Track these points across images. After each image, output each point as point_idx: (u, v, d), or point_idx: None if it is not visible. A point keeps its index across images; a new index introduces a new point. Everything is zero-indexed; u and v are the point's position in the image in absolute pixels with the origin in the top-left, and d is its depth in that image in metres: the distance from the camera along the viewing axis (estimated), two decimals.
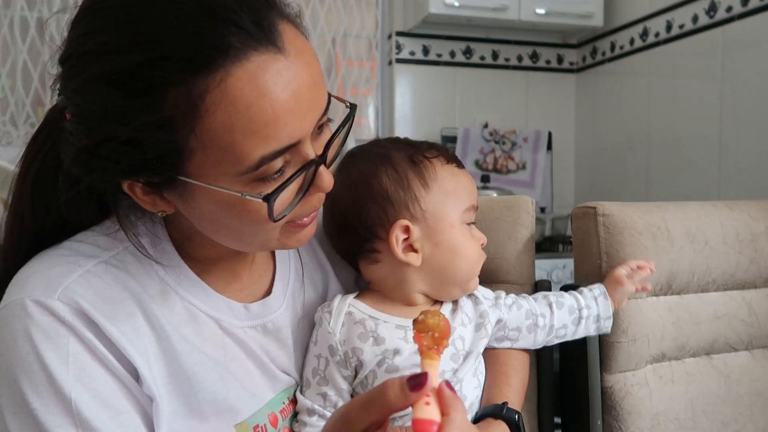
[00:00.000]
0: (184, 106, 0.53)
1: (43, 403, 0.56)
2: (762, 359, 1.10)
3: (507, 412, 0.75)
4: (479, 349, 0.78)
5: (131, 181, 0.59)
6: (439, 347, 0.52)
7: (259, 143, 0.55)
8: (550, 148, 2.56)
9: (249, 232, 0.62)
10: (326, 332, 0.75)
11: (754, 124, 1.81)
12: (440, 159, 0.78)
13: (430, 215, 0.76)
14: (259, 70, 0.54)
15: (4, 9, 2.18)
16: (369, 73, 2.57)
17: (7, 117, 2.21)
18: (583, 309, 0.86)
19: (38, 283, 0.59)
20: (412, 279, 0.77)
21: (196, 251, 0.69)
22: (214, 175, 0.56)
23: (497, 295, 0.84)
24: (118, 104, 0.53)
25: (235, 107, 0.53)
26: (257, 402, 0.71)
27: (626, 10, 2.35)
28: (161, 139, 0.54)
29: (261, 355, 0.72)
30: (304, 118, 0.57)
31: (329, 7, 2.47)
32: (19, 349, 0.57)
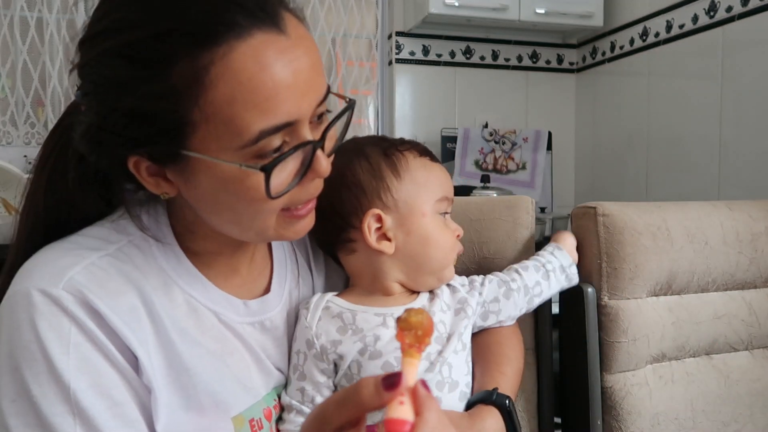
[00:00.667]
0: (188, 78, 0.55)
1: (42, 391, 0.57)
2: (762, 359, 1.10)
3: (497, 397, 0.75)
4: (461, 330, 0.79)
5: (137, 158, 0.61)
6: (420, 345, 0.52)
7: (259, 116, 0.57)
8: (550, 148, 2.56)
9: (247, 213, 0.63)
10: (303, 327, 0.76)
11: (754, 124, 1.81)
12: (413, 152, 0.80)
13: (402, 204, 0.78)
14: (261, 46, 0.57)
15: (4, 9, 2.17)
16: (369, 73, 2.57)
17: (7, 117, 2.21)
18: (546, 264, 0.90)
19: (44, 273, 0.61)
20: (387, 268, 0.79)
21: (198, 244, 0.70)
22: (215, 150, 0.58)
23: (471, 280, 0.86)
24: (128, 75, 0.56)
25: (237, 79, 0.56)
26: (253, 396, 0.72)
27: (626, 10, 2.34)
28: (165, 110, 0.56)
29: (258, 351, 0.73)
30: (302, 97, 0.59)
31: (329, 7, 2.47)
32: (23, 337, 0.58)
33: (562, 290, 0.93)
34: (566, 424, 1.04)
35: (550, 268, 0.90)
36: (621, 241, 0.98)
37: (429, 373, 0.74)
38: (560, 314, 1.04)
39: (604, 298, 0.98)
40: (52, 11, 2.18)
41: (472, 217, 1.02)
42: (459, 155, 2.47)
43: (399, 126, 2.52)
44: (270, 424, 0.74)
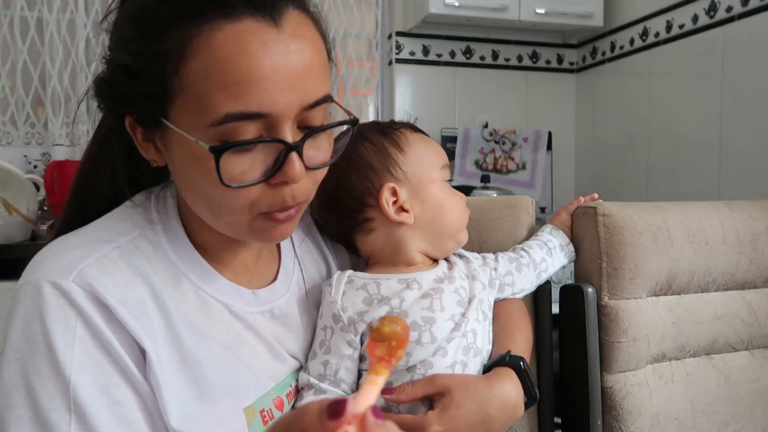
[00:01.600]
0: (175, 46, 0.58)
1: (42, 384, 0.58)
2: (762, 359, 1.10)
3: (510, 359, 0.78)
4: (480, 296, 0.82)
5: (131, 119, 0.65)
6: (391, 359, 0.49)
7: (227, 98, 0.57)
8: (550, 148, 2.56)
9: (214, 196, 0.62)
10: (329, 302, 0.78)
11: (754, 124, 1.81)
12: (408, 129, 0.84)
13: (411, 176, 0.81)
14: (246, 32, 0.58)
15: (4, 9, 2.18)
16: (369, 73, 2.57)
17: (7, 117, 2.21)
18: (548, 242, 0.96)
19: (54, 265, 0.61)
20: (408, 239, 0.81)
21: (203, 237, 0.71)
22: (186, 123, 0.60)
23: (483, 256, 0.90)
24: (129, 35, 0.61)
25: (213, 57, 0.57)
26: (263, 386, 0.72)
27: (626, 10, 2.34)
28: (151, 72, 0.59)
29: (271, 340, 0.74)
30: (281, 93, 0.58)
31: (329, 7, 2.47)
32: (30, 328, 0.59)
33: (563, 266, 0.98)
34: (566, 424, 1.04)
35: (552, 246, 0.96)
36: (621, 241, 0.98)
37: (456, 332, 0.76)
38: (560, 314, 1.04)
39: (604, 298, 0.98)
40: (52, 11, 2.18)
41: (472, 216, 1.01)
42: (459, 155, 2.47)
43: None
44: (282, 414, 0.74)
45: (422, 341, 0.75)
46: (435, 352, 0.75)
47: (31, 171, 2.18)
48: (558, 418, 1.04)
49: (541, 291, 1.03)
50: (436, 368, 0.75)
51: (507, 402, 0.74)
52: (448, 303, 0.78)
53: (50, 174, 1.90)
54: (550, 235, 0.98)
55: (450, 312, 0.77)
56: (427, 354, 0.75)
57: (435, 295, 0.78)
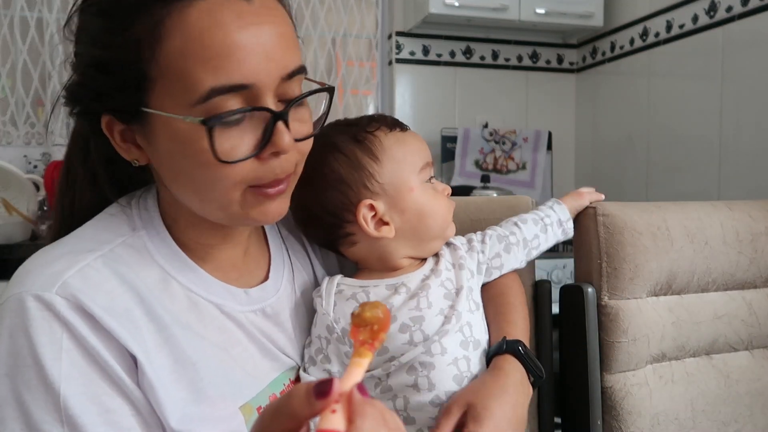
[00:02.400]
0: (147, 30, 0.58)
1: (33, 397, 0.57)
2: (762, 359, 1.10)
3: (507, 345, 0.77)
4: (468, 285, 0.81)
5: (108, 117, 0.63)
6: (374, 342, 0.49)
7: (209, 73, 0.57)
8: (550, 148, 2.56)
9: (204, 180, 0.62)
10: (321, 314, 0.78)
11: (754, 124, 1.81)
12: (382, 130, 0.79)
13: (388, 186, 0.78)
14: (218, 5, 0.58)
15: (4, 9, 2.18)
16: (369, 73, 2.57)
17: (7, 117, 2.21)
18: (545, 218, 0.92)
19: (37, 278, 0.61)
20: (392, 249, 0.80)
21: (188, 236, 0.70)
22: (170, 106, 0.59)
23: (468, 239, 0.87)
24: (97, 27, 0.61)
25: (189, 33, 0.57)
26: (259, 384, 0.72)
27: (626, 10, 2.34)
28: (126, 61, 0.59)
29: (261, 338, 0.74)
30: (260, 62, 0.59)
31: (329, 7, 2.47)
32: (16, 342, 0.58)
33: (557, 242, 0.95)
34: (566, 424, 1.04)
35: (548, 222, 0.92)
36: (621, 241, 0.98)
37: (446, 325, 0.76)
38: (560, 314, 1.04)
39: (604, 298, 0.98)
40: (52, 11, 2.18)
41: (472, 217, 1.02)
42: (459, 155, 2.47)
43: None
44: None
45: (414, 341, 0.75)
46: (433, 350, 0.75)
47: (31, 171, 2.18)
48: (558, 418, 1.04)
49: (541, 291, 1.03)
50: (439, 368, 0.74)
51: (517, 385, 0.75)
52: (435, 298, 0.77)
53: (50, 174, 1.91)
54: (551, 209, 0.94)
55: (438, 307, 0.77)
56: (420, 352, 0.75)
57: (422, 293, 0.77)
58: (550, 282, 1.03)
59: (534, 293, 1.03)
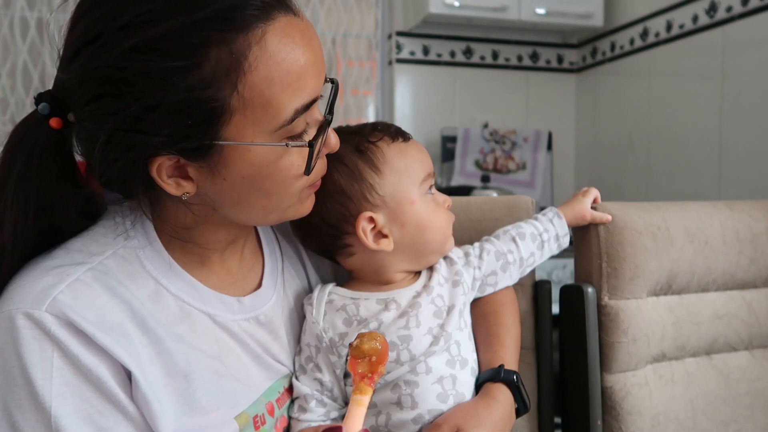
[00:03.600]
0: (226, 64, 0.56)
1: (24, 417, 0.56)
2: (762, 359, 1.10)
3: (505, 374, 0.77)
4: (460, 304, 0.80)
5: (162, 158, 0.59)
6: (373, 375, 0.51)
7: (293, 95, 0.60)
8: (550, 148, 2.56)
9: (277, 193, 0.65)
10: (310, 323, 0.78)
11: (754, 124, 1.81)
12: (385, 140, 0.79)
13: (389, 199, 0.77)
14: (287, 28, 0.59)
15: (4, 9, 2.18)
16: (369, 73, 2.57)
17: (7, 117, 2.21)
18: (543, 233, 0.91)
19: (26, 295, 0.59)
20: (389, 262, 0.80)
21: (195, 243, 0.69)
22: (251, 135, 0.60)
23: (465, 252, 0.87)
24: (162, 69, 0.55)
25: (274, 60, 0.58)
26: (254, 392, 0.72)
27: (626, 10, 2.34)
28: (205, 99, 0.56)
29: (255, 347, 0.73)
30: (320, 74, 0.63)
31: (329, 7, 2.47)
32: (6, 361, 0.57)
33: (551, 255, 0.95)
34: (566, 424, 1.04)
35: (546, 238, 0.91)
36: (621, 241, 0.98)
37: (434, 346, 0.75)
38: (560, 314, 1.04)
39: (604, 298, 0.98)
40: (52, 11, 2.18)
41: (472, 217, 1.02)
42: (459, 155, 2.47)
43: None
44: (273, 419, 0.74)
45: (401, 360, 0.75)
46: (418, 370, 0.74)
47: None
48: (558, 418, 1.04)
49: (541, 291, 1.03)
50: (423, 386, 0.74)
51: (506, 416, 0.75)
52: (424, 317, 0.77)
53: None
54: (550, 224, 0.92)
55: (427, 326, 0.76)
56: (405, 371, 0.74)
57: (411, 312, 0.77)
58: (550, 282, 1.03)
59: (534, 293, 1.03)
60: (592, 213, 0.98)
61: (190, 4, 0.55)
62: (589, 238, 1.00)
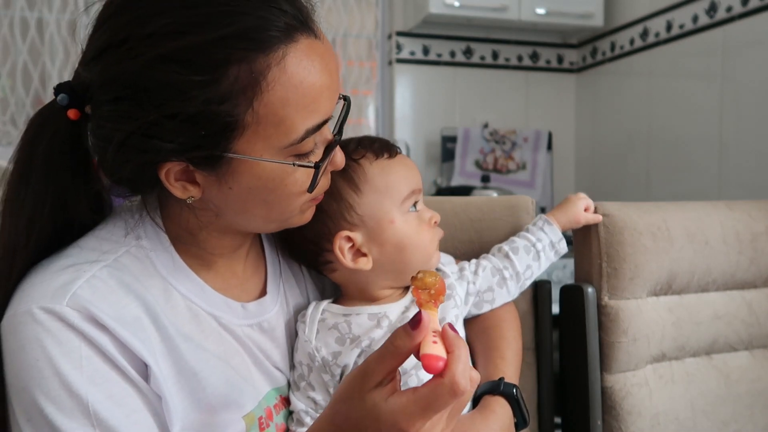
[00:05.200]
0: (245, 81, 0.57)
1: (57, 408, 0.57)
2: (762, 359, 1.10)
3: (504, 387, 0.77)
4: (451, 317, 0.79)
5: (172, 164, 0.61)
6: (436, 301, 0.56)
7: (306, 116, 0.61)
8: (550, 148, 2.56)
9: (280, 206, 0.66)
10: (303, 341, 0.77)
11: (754, 124, 1.81)
12: (368, 157, 0.77)
13: (368, 218, 0.76)
14: (307, 50, 0.60)
15: (4, 9, 2.18)
16: (369, 73, 2.57)
17: (7, 117, 2.21)
18: (537, 243, 0.90)
19: (45, 291, 0.60)
20: (371, 280, 0.79)
21: (199, 248, 0.70)
22: (260, 150, 0.61)
23: (461, 267, 0.86)
24: (184, 81, 0.56)
25: (291, 82, 0.59)
26: (258, 394, 0.73)
27: (626, 10, 2.34)
28: (221, 113, 0.57)
29: (257, 352, 0.74)
30: (334, 96, 0.64)
31: (329, 7, 2.47)
32: (28, 356, 0.58)
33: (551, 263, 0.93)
34: (566, 424, 1.04)
35: (540, 248, 0.90)
36: (621, 241, 0.98)
37: None
38: (560, 314, 1.04)
39: (604, 298, 0.98)
40: (52, 11, 2.18)
41: (472, 217, 1.02)
42: (459, 155, 2.47)
43: (399, 126, 2.52)
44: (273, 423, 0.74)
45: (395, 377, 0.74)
46: (409, 383, 0.73)
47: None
48: (558, 418, 1.04)
49: (541, 291, 1.03)
50: None
51: (504, 429, 0.75)
52: None
53: None
54: (542, 232, 0.91)
55: None
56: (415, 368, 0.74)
57: None
58: (550, 282, 1.03)
59: (534, 293, 1.03)
60: (585, 215, 0.97)
61: (217, 20, 0.56)
62: (589, 238, 1.00)
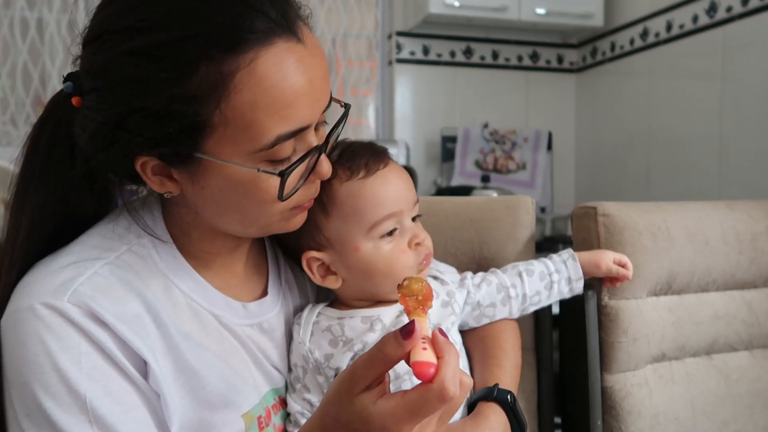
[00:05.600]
0: (213, 82, 0.56)
1: (56, 403, 0.58)
2: (762, 359, 1.10)
3: (498, 393, 0.75)
4: (447, 323, 0.78)
5: (146, 158, 0.61)
6: (424, 307, 0.56)
7: (278, 122, 0.59)
8: (550, 148, 2.56)
9: (254, 211, 0.65)
10: (297, 342, 0.77)
11: (754, 124, 1.81)
12: (341, 177, 0.74)
13: (335, 241, 0.75)
14: (282, 54, 0.58)
15: (4, 9, 2.18)
16: (369, 73, 2.57)
17: (7, 117, 2.21)
18: (554, 273, 0.87)
19: (46, 288, 0.60)
20: (345, 294, 0.79)
21: (195, 246, 0.70)
22: (230, 153, 0.59)
23: (463, 277, 0.85)
24: (152, 77, 0.56)
25: (261, 86, 0.57)
26: (257, 394, 0.73)
27: (626, 10, 2.34)
28: (187, 112, 0.57)
29: (257, 352, 0.74)
30: (315, 104, 0.62)
31: (329, 7, 2.47)
32: (29, 352, 0.58)
33: (562, 298, 0.90)
34: (566, 424, 1.04)
35: (556, 279, 0.87)
36: (621, 241, 0.98)
37: None
38: (560, 314, 1.04)
39: (604, 298, 0.98)
40: (52, 11, 2.18)
41: (472, 217, 1.02)
42: (459, 155, 2.47)
43: (399, 126, 2.52)
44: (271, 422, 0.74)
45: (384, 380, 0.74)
46: (402, 387, 0.71)
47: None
48: (558, 418, 1.04)
49: None
50: None
51: None
52: None
53: None
54: (563, 265, 0.88)
55: None
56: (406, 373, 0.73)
57: None
58: None
59: None
60: (610, 264, 0.91)
61: (189, 19, 0.56)
62: (589, 238, 1.00)
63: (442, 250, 1.00)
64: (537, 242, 1.12)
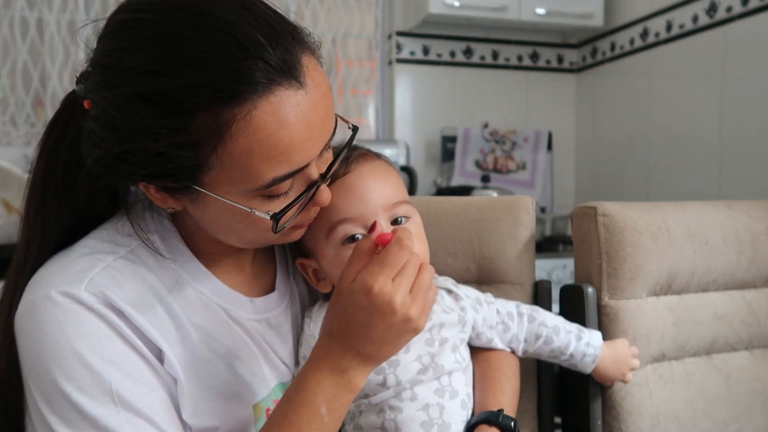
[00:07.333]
0: (210, 130, 0.57)
1: (77, 388, 0.59)
2: (762, 359, 1.10)
3: (503, 419, 0.75)
4: (456, 339, 0.79)
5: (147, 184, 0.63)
6: None
7: (273, 167, 0.60)
8: (550, 148, 2.56)
9: (252, 235, 0.66)
10: (307, 335, 0.78)
11: (754, 124, 1.81)
12: None
13: (310, 249, 0.78)
14: (281, 103, 0.58)
15: (4, 9, 2.18)
16: (369, 73, 2.57)
17: (7, 117, 2.21)
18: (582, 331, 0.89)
19: (63, 277, 0.62)
20: None
21: (201, 248, 0.72)
22: (226, 190, 0.61)
23: (477, 298, 0.85)
24: (151, 121, 0.57)
25: (256, 136, 0.58)
26: (266, 386, 0.74)
27: (626, 10, 2.34)
28: (185, 156, 0.58)
29: (265, 346, 0.75)
30: (314, 144, 0.62)
31: (329, 7, 2.47)
32: (48, 338, 0.60)
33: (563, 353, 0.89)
34: (566, 424, 1.04)
35: (564, 359, 0.89)
36: (621, 241, 0.98)
37: (422, 375, 0.75)
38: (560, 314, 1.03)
39: (604, 298, 0.98)
40: (52, 11, 2.18)
41: (472, 217, 1.02)
42: (459, 155, 2.47)
43: (399, 126, 2.52)
44: None
45: (387, 383, 0.74)
46: (403, 396, 0.74)
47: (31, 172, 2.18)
48: (558, 418, 1.04)
49: (541, 291, 1.03)
50: (407, 413, 0.73)
51: None
52: (413, 343, 0.74)
53: None
54: (589, 331, 0.90)
55: (416, 353, 0.75)
56: (390, 395, 0.74)
57: None
58: (550, 282, 1.03)
59: (534, 293, 1.03)
60: (620, 368, 0.92)
61: (191, 67, 0.56)
62: (589, 238, 1.00)
63: (442, 250, 1.00)
64: (537, 242, 1.12)
